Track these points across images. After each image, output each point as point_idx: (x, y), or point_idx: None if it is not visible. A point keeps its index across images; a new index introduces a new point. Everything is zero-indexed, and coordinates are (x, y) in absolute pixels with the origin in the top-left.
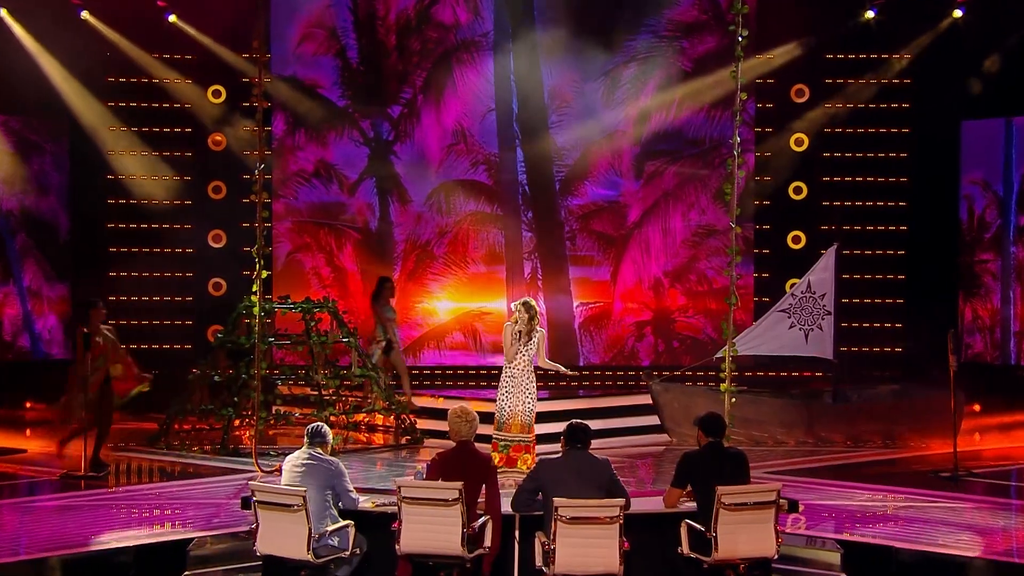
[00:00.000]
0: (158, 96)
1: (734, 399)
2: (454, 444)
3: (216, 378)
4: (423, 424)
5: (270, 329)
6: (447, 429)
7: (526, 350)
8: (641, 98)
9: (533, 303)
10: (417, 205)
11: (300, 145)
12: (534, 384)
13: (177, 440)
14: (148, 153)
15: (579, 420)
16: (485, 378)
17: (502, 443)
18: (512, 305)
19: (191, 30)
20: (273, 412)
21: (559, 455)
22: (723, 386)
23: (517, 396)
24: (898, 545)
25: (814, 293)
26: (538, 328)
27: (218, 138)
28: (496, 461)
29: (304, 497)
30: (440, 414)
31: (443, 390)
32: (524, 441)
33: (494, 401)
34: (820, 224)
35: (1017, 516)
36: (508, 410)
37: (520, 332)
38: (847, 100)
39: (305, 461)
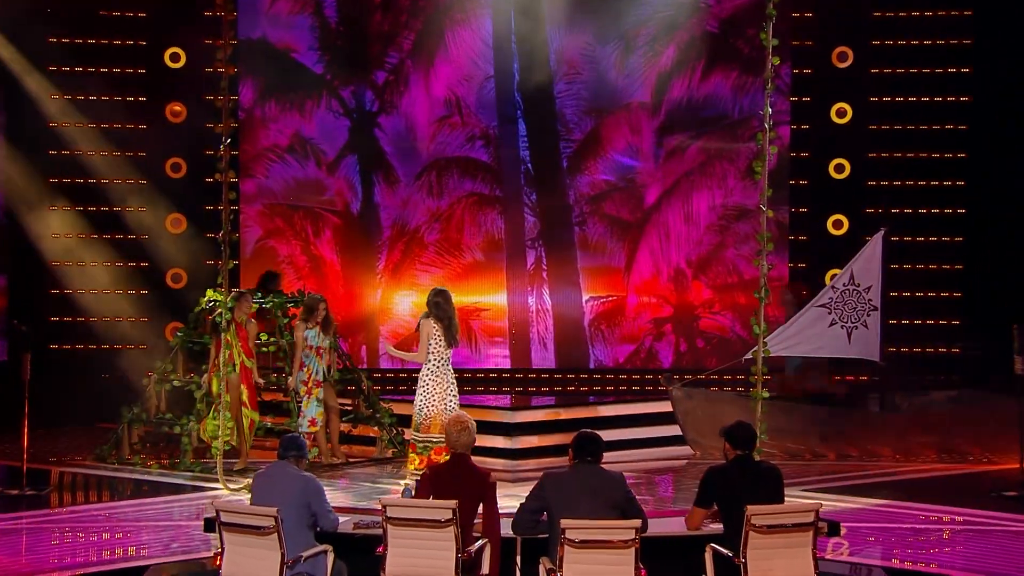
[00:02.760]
0: (108, 60)
1: (765, 407)
2: (448, 457)
3: (176, 383)
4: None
5: None
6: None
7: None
8: (660, 63)
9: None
10: (405, 185)
11: (272, 117)
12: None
13: (131, 453)
14: (97, 125)
15: (589, 430)
16: (482, 382)
17: (420, 445)
18: (429, 298)
19: None
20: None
21: (566, 469)
22: (753, 392)
23: (439, 395)
24: (954, 574)
25: (858, 286)
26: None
27: (177, 108)
28: (417, 464)
29: (276, 518)
30: None
31: None
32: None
33: (494, 408)
34: (865, 206)
35: None
36: (428, 410)
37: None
38: (897, 64)
39: (277, 476)
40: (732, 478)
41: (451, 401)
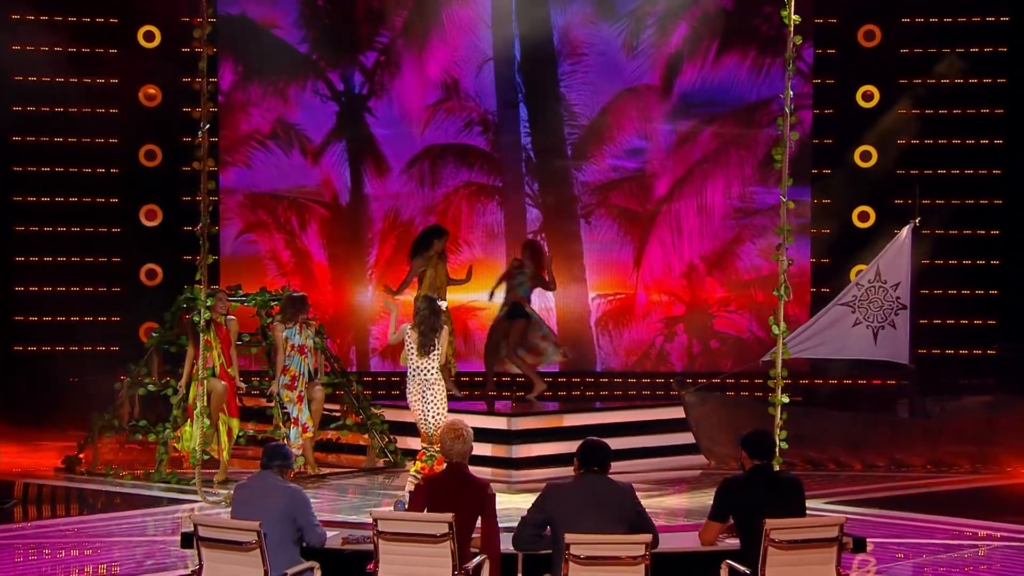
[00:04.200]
0: (78, 38)
1: (785, 413)
2: (443, 467)
3: (151, 387)
4: (406, 443)
5: None
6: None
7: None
8: (672, 43)
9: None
10: (397, 175)
11: (253, 101)
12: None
13: (102, 463)
14: (65, 109)
15: (596, 438)
16: (480, 386)
17: (430, 455)
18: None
19: None
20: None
21: (571, 480)
22: (773, 396)
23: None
24: None
25: (885, 283)
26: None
27: (151, 91)
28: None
29: (259, 532)
30: None
31: None
32: None
33: (492, 415)
34: (893, 197)
35: None
36: (442, 416)
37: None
38: (928, 43)
39: (260, 488)
40: (750, 490)
41: (418, 408)
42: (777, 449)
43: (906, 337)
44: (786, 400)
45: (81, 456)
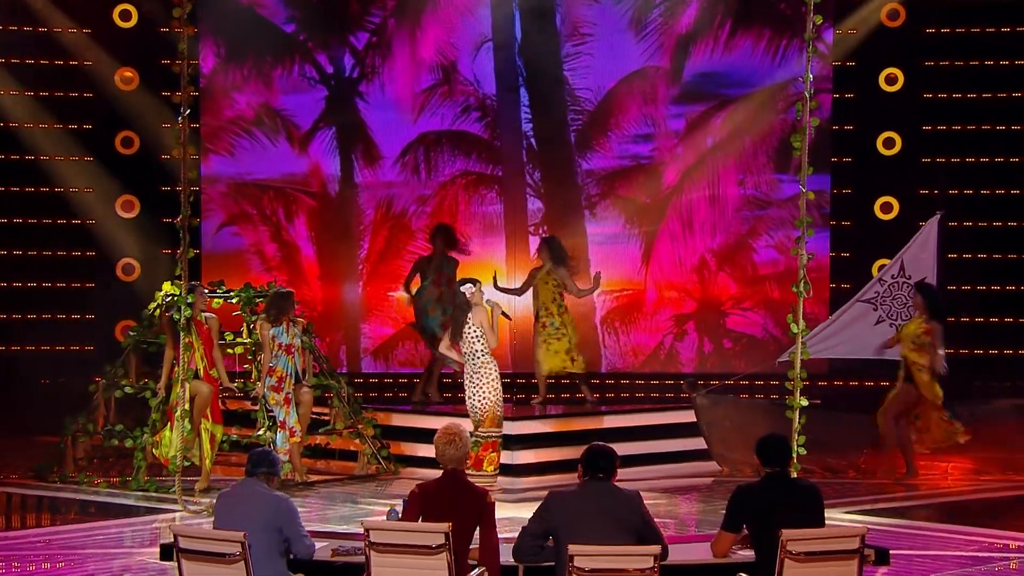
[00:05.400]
0: (49, 18)
1: (803, 417)
2: (439, 473)
3: (128, 389)
4: (399, 449)
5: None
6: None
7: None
8: (681, 23)
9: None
10: (390, 163)
11: (236, 85)
12: None
13: (75, 470)
14: (35, 93)
15: (601, 443)
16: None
17: (474, 440)
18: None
19: None
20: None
21: (574, 487)
22: (790, 399)
23: (494, 385)
24: None
25: (909, 278)
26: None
27: (128, 74)
28: (470, 463)
29: (243, 543)
30: (424, 434)
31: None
32: (495, 437)
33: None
34: (918, 187)
35: None
36: (492, 400)
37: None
38: (955, 23)
39: (245, 497)
40: (765, 498)
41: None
42: (794, 455)
43: None
44: (804, 403)
45: (54, 463)
